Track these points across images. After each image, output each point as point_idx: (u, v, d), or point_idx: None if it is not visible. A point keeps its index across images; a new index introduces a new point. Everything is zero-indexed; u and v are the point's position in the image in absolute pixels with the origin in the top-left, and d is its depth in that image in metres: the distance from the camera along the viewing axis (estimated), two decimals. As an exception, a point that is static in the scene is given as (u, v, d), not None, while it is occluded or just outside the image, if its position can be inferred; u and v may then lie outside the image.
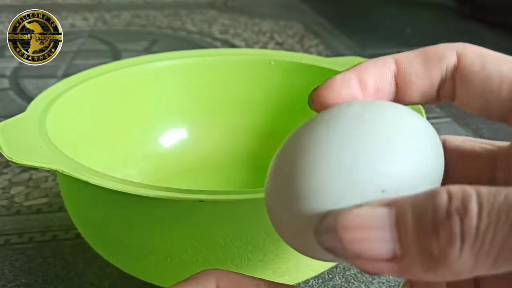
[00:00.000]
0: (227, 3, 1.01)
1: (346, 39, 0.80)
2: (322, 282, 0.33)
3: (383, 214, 0.15)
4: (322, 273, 0.33)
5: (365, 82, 0.19)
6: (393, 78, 0.19)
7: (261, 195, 0.23)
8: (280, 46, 0.77)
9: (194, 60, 0.41)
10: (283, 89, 0.41)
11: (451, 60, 0.18)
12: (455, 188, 0.14)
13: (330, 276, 0.33)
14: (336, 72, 0.42)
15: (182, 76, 0.40)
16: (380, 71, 0.19)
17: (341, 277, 0.33)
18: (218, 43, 0.78)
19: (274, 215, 0.18)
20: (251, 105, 0.41)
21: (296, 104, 0.40)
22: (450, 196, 0.14)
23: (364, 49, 0.75)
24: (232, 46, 0.77)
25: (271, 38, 0.81)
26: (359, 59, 0.40)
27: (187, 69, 0.40)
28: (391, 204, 0.15)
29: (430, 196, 0.14)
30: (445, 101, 0.19)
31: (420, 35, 0.82)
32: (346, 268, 0.34)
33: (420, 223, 0.14)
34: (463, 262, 0.14)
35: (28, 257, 0.34)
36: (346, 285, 0.32)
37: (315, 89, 0.19)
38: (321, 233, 0.16)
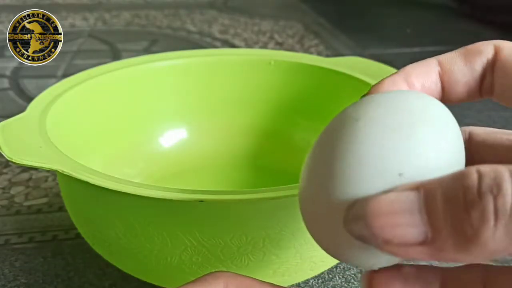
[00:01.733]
0: (227, 3, 1.01)
1: (346, 39, 0.80)
2: (322, 282, 0.33)
3: (411, 198, 0.15)
4: (322, 273, 0.33)
5: (412, 83, 0.20)
6: (438, 78, 0.20)
7: (261, 195, 0.23)
8: (280, 46, 0.77)
9: (194, 60, 0.41)
10: (283, 89, 0.41)
11: (490, 54, 0.19)
12: (486, 168, 0.14)
13: (330, 276, 0.33)
14: (336, 72, 0.42)
15: (182, 76, 0.40)
16: (425, 72, 0.20)
17: (341, 277, 0.33)
18: (218, 43, 0.78)
19: (306, 215, 0.18)
20: (251, 105, 0.41)
21: (296, 104, 0.40)
22: (480, 175, 0.14)
23: (364, 49, 0.75)
24: (232, 46, 0.77)
25: (271, 38, 0.81)
26: (359, 59, 0.40)
27: (187, 69, 0.40)
28: (418, 187, 0.15)
29: (460, 176, 0.14)
30: (486, 97, 0.20)
31: (420, 35, 0.82)
32: (346, 268, 0.34)
33: (450, 204, 0.14)
34: (497, 241, 0.14)
35: (28, 257, 0.34)
36: (346, 285, 0.32)
37: (363, 95, 0.20)
38: (350, 221, 0.16)
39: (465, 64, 0.19)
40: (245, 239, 0.25)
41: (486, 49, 0.19)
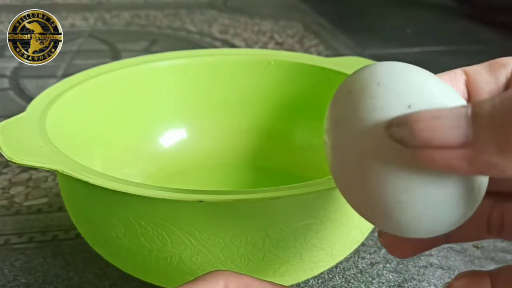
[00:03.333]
0: (227, 3, 1.01)
1: (346, 39, 0.80)
2: (322, 282, 0.33)
3: (459, 109, 0.15)
4: (322, 273, 0.33)
5: None
6: (465, 87, 0.21)
7: (261, 195, 0.23)
8: (280, 46, 0.77)
9: (194, 60, 0.41)
10: (283, 89, 0.41)
11: None
12: None
13: (330, 276, 0.33)
14: (336, 72, 0.42)
15: (182, 76, 0.40)
16: (453, 81, 0.21)
17: (341, 277, 0.33)
18: (218, 43, 0.78)
19: (333, 149, 0.19)
20: (251, 105, 0.41)
21: (296, 104, 0.40)
22: None
23: (364, 49, 0.75)
24: (232, 46, 0.77)
25: (271, 38, 0.81)
26: (359, 59, 0.40)
27: (187, 69, 0.40)
28: (467, 105, 0.15)
29: None
30: None
31: (420, 35, 0.82)
32: (346, 268, 0.34)
33: (497, 108, 0.14)
34: None
35: (28, 257, 0.34)
36: (346, 285, 0.32)
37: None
38: (392, 126, 0.16)
39: (489, 75, 0.20)
40: (245, 239, 0.25)
41: (510, 62, 0.20)
